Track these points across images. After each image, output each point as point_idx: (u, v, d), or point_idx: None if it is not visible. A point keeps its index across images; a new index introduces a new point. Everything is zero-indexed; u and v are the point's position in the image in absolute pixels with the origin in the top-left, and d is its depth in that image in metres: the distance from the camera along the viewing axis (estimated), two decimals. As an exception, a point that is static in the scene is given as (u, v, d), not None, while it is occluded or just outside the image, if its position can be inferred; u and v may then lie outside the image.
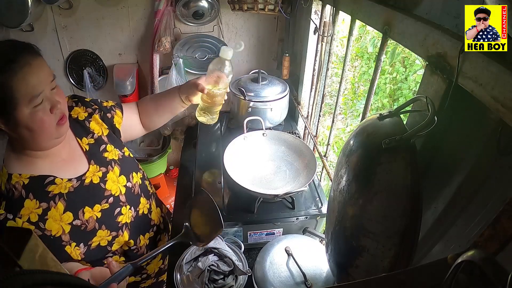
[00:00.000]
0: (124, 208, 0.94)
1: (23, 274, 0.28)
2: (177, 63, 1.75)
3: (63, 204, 0.81)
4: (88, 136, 0.94)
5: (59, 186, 0.82)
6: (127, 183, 0.97)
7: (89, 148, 0.93)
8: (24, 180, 0.77)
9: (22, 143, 0.78)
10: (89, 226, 0.85)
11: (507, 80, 0.41)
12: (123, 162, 0.99)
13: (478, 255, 0.30)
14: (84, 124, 0.95)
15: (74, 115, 0.95)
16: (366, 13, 0.84)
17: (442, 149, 0.64)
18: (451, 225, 0.61)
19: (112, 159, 0.96)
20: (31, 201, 0.77)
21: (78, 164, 0.89)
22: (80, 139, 0.92)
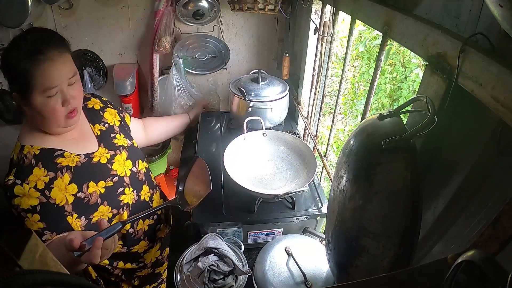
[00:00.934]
0: (127, 189, 1.00)
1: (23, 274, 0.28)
2: (177, 63, 1.75)
3: (69, 175, 0.87)
4: (101, 124, 1.04)
5: (68, 159, 0.88)
6: (132, 167, 1.04)
7: (100, 133, 1.02)
8: (35, 151, 0.84)
9: (35, 122, 0.87)
10: (92, 200, 0.90)
11: (507, 80, 0.41)
12: (131, 150, 1.07)
13: (478, 255, 0.30)
14: (99, 113, 1.06)
15: (90, 105, 1.06)
16: (366, 13, 0.84)
17: (442, 149, 0.64)
18: (451, 225, 0.61)
19: (121, 145, 1.05)
20: (39, 169, 0.82)
21: (89, 144, 0.97)
22: (93, 125, 1.02)
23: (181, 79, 1.78)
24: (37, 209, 0.81)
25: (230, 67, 1.93)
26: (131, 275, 1.13)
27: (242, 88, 1.43)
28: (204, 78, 1.96)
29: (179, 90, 1.79)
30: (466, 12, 0.53)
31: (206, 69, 1.90)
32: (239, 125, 1.52)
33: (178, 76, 1.77)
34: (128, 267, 1.10)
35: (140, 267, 1.14)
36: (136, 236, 1.04)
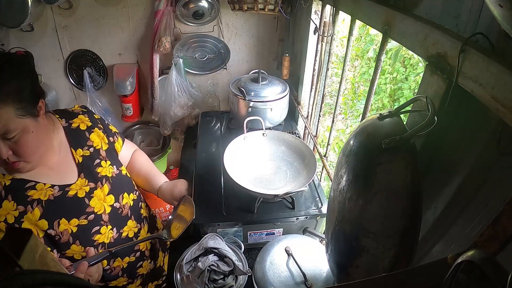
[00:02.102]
0: (104, 228, 0.90)
1: (23, 274, 0.28)
2: (177, 63, 1.75)
3: (40, 210, 0.80)
4: (84, 148, 0.92)
5: (39, 192, 0.81)
6: (114, 203, 0.94)
7: (82, 160, 0.91)
8: (6, 181, 0.78)
9: None
10: (63, 238, 0.83)
11: (507, 80, 0.41)
12: (116, 181, 0.96)
13: (478, 255, 0.30)
14: (84, 134, 0.94)
15: (75, 124, 0.94)
16: (366, 13, 0.84)
17: (442, 149, 0.64)
18: (451, 225, 0.61)
19: (104, 175, 0.93)
20: (9, 202, 0.76)
21: (67, 175, 0.87)
22: (74, 150, 0.90)
23: (181, 79, 1.78)
24: None
25: (230, 67, 1.93)
26: None
27: (242, 88, 1.43)
28: (204, 78, 1.96)
29: (179, 90, 1.79)
30: (466, 12, 0.53)
31: (206, 69, 1.90)
32: (239, 125, 1.52)
33: (178, 76, 1.77)
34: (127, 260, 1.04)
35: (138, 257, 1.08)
36: (113, 273, 0.96)
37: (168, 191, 1.05)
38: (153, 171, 1.11)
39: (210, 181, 1.24)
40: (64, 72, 1.84)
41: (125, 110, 1.90)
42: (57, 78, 1.85)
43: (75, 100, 1.94)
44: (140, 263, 1.04)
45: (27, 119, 0.74)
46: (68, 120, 0.94)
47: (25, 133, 0.74)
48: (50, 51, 1.75)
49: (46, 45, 1.72)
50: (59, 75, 1.84)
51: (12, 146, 0.73)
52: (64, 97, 1.92)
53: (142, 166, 1.11)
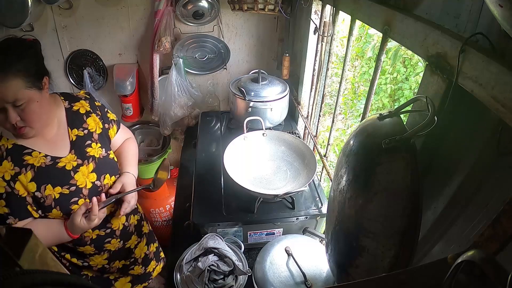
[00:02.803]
0: (81, 200, 1.01)
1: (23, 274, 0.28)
2: (177, 63, 1.75)
3: (32, 174, 0.93)
4: (80, 129, 1.05)
5: (34, 159, 0.94)
6: (96, 181, 1.05)
7: (75, 138, 1.04)
8: (8, 145, 0.92)
9: None
10: (47, 202, 0.96)
11: (507, 80, 0.41)
12: (101, 162, 1.08)
13: (478, 255, 0.30)
14: (82, 117, 1.07)
15: (76, 107, 1.07)
16: (366, 13, 0.84)
17: (442, 149, 0.64)
18: (451, 225, 0.61)
19: (92, 155, 1.05)
20: (8, 162, 0.90)
21: (60, 148, 1.00)
22: (71, 129, 1.04)
23: (181, 79, 1.78)
24: (3, 196, 0.90)
25: (230, 67, 1.93)
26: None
27: (242, 88, 1.43)
28: (204, 78, 1.96)
29: (179, 90, 1.79)
30: (466, 12, 0.53)
31: (206, 69, 1.90)
32: (239, 125, 1.52)
33: (178, 76, 1.77)
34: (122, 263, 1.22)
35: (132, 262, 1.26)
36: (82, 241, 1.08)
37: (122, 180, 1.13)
38: (128, 158, 1.21)
39: (210, 181, 1.24)
40: (64, 72, 1.84)
41: (125, 110, 1.90)
42: (57, 78, 1.85)
43: (75, 100, 1.94)
44: (108, 239, 1.14)
45: (33, 90, 0.87)
46: (71, 103, 1.07)
47: (31, 102, 0.87)
48: (50, 51, 1.75)
49: (46, 45, 1.72)
50: (59, 75, 1.84)
51: (20, 113, 0.87)
52: (64, 97, 1.92)
53: (123, 151, 1.23)
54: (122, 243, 1.20)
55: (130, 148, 1.25)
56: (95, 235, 1.10)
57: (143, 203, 2.11)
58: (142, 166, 1.96)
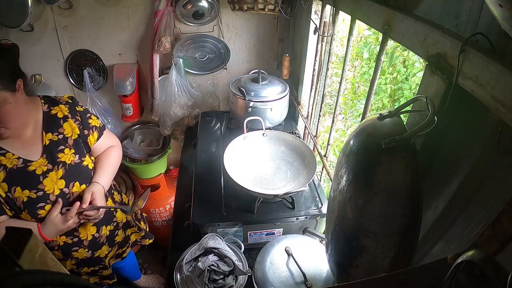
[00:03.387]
0: (48, 206, 1.03)
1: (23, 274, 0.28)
2: (177, 63, 1.75)
3: (3, 174, 0.96)
4: (54, 133, 1.07)
5: (7, 160, 0.97)
6: (64, 188, 1.06)
7: (48, 143, 1.05)
8: None
9: None
10: (17, 203, 0.98)
11: (507, 80, 0.41)
12: (72, 169, 1.08)
13: (478, 255, 0.30)
14: (59, 122, 1.08)
15: (54, 111, 1.09)
16: (366, 13, 0.84)
17: (442, 149, 0.64)
18: (451, 225, 0.61)
19: (63, 161, 1.06)
20: None
21: (32, 152, 1.02)
22: (45, 133, 1.05)
23: (181, 79, 1.78)
24: None
25: (230, 67, 1.93)
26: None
27: (242, 88, 1.43)
28: (204, 78, 1.96)
29: (179, 90, 1.79)
30: (466, 12, 0.53)
31: (206, 69, 1.90)
32: (239, 125, 1.52)
33: (178, 76, 1.77)
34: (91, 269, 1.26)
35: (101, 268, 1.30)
36: (50, 245, 1.09)
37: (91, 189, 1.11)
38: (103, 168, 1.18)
39: (210, 181, 1.24)
40: (64, 72, 1.84)
41: (125, 110, 1.90)
42: (57, 78, 1.85)
43: (75, 100, 1.94)
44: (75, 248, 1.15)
45: (6, 92, 0.91)
46: (50, 106, 1.08)
47: (4, 104, 0.91)
48: (50, 51, 1.75)
49: (46, 45, 1.72)
50: (59, 75, 1.84)
51: None
52: (64, 97, 1.92)
53: (99, 160, 1.21)
54: (90, 253, 1.20)
55: (109, 157, 1.21)
56: (62, 242, 1.10)
57: (143, 203, 2.11)
58: (142, 166, 1.96)
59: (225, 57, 1.84)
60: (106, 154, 1.22)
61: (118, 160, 1.26)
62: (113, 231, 1.28)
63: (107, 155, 1.22)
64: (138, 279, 1.94)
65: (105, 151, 1.23)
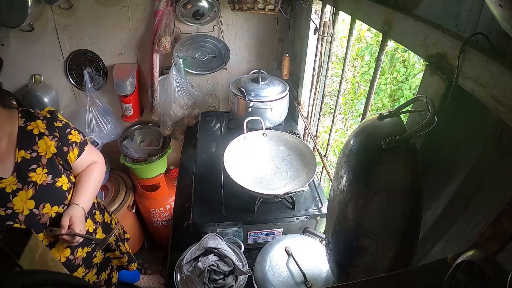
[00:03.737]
0: (16, 225, 0.96)
1: (23, 274, 0.28)
2: (177, 63, 1.75)
3: None
4: (28, 151, 1.00)
5: None
6: (33, 208, 0.99)
7: (20, 160, 0.98)
8: None
9: None
10: None
11: (507, 80, 0.41)
12: (43, 189, 1.01)
13: (478, 255, 0.30)
14: (34, 138, 1.02)
15: (30, 127, 1.02)
16: (366, 13, 0.84)
17: (442, 149, 0.64)
18: (451, 225, 0.61)
19: (34, 181, 0.99)
20: None
21: (2, 168, 0.96)
22: (18, 150, 0.99)
23: (181, 79, 1.78)
24: None
25: (230, 67, 1.93)
26: None
27: (242, 88, 1.43)
28: (204, 78, 1.96)
29: (179, 90, 1.79)
30: (466, 12, 0.53)
31: (206, 69, 1.90)
32: (239, 125, 1.52)
33: (178, 76, 1.77)
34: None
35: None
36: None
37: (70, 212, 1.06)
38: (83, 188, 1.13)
39: (210, 181, 1.24)
40: (64, 72, 1.84)
41: (125, 110, 1.90)
42: (57, 78, 1.85)
43: (75, 100, 1.94)
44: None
45: None
46: (26, 121, 1.02)
47: None
48: (50, 51, 1.75)
49: (46, 45, 1.72)
50: (59, 75, 1.84)
51: None
52: (64, 97, 1.92)
53: (80, 179, 1.15)
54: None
55: (90, 177, 1.16)
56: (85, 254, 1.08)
57: (143, 203, 2.11)
58: (142, 166, 1.96)
59: (225, 57, 1.84)
60: (87, 173, 1.17)
61: (100, 179, 1.21)
62: (91, 253, 1.20)
63: (88, 174, 1.16)
64: (138, 281, 1.94)
65: (87, 168, 1.18)
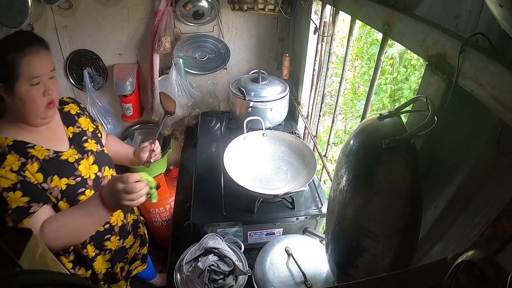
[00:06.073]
0: (88, 191, 1.04)
1: (23, 274, 0.28)
2: (177, 63, 1.75)
3: (38, 165, 0.93)
4: (74, 127, 1.10)
5: (37, 151, 0.95)
6: (97, 172, 1.09)
7: (72, 135, 1.08)
8: (9, 142, 0.91)
9: (15, 113, 0.94)
10: (53, 193, 0.96)
11: (507, 80, 0.41)
12: (99, 155, 1.13)
13: (478, 255, 0.30)
14: (74, 117, 1.13)
15: (66, 109, 1.13)
16: (366, 13, 0.84)
17: (442, 149, 0.64)
18: (451, 225, 0.61)
19: (90, 149, 1.10)
20: (12, 155, 0.89)
21: (60, 144, 1.03)
22: (66, 127, 1.08)
23: (181, 79, 1.78)
24: (18, 186, 0.87)
25: (230, 67, 1.93)
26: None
27: (242, 88, 1.43)
28: (204, 78, 1.96)
29: (179, 90, 1.79)
30: (466, 12, 0.53)
31: (206, 69, 1.90)
32: (239, 125, 1.52)
33: (178, 76, 1.77)
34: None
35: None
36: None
37: (137, 155, 1.27)
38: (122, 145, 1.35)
39: (210, 181, 1.24)
40: (64, 72, 1.84)
41: (125, 110, 1.90)
42: (57, 78, 1.82)
43: (75, 100, 1.94)
44: (108, 236, 1.14)
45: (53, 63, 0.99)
46: (60, 105, 1.12)
47: (55, 74, 0.98)
48: (50, 51, 1.75)
49: (46, 45, 1.72)
50: (59, 75, 1.84)
51: (51, 84, 0.95)
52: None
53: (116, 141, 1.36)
54: (121, 242, 1.20)
55: (115, 139, 1.37)
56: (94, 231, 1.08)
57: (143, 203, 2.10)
58: (142, 166, 1.95)
59: (225, 57, 1.84)
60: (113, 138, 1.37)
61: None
62: (136, 222, 1.31)
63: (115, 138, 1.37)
64: (154, 279, 1.94)
65: (109, 137, 1.34)
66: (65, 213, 0.95)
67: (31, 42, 0.92)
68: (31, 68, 0.89)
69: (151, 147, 1.24)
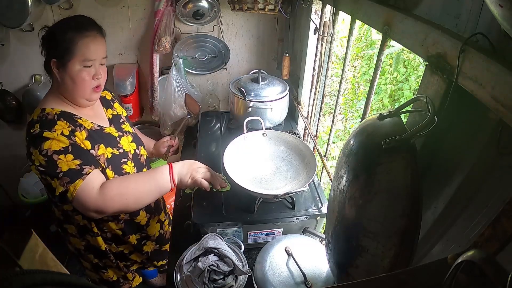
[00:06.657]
0: (129, 162, 1.11)
1: (23, 274, 0.28)
2: (177, 63, 1.75)
3: (86, 133, 1.00)
4: (113, 109, 1.20)
5: (84, 122, 1.02)
6: (136, 149, 1.18)
7: (112, 117, 1.17)
8: (56, 111, 0.97)
9: (63, 90, 1.00)
10: (101, 161, 1.01)
11: (507, 80, 0.41)
12: (135, 136, 1.22)
13: (478, 255, 0.30)
14: (110, 102, 1.22)
15: (103, 94, 1.22)
16: (366, 13, 0.84)
17: (442, 149, 0.64)
18: (451, 225, 0.61)
19: (127, 130, 1.19)
20: (62, 121, 0.95)
21: (101, 122, 1.11)
22: (106, 109, 1.17)
23: (181, 79, 1.78)
24: (69, 149, 0.91)
25: (230, 67, 1.93)
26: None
27: (242, 88, 1.43)
28: (204, 78, 1.96)
29: (179, 90, 1.79)
30: (466, 12, 0.53)
31: (206, 69, 1.90)
32: (239, 125, 1.52)
33: (178, 76, 1.77)
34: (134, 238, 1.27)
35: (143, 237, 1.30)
36: None
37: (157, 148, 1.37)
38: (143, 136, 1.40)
39: (210, 181, 1.24)
40: (64, 72, 1.84)
41: (125, 110, 1.90)
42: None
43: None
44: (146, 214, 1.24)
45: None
46: None
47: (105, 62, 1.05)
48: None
49: (46, 45, 1.71)
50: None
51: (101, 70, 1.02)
52: (64, 97, 1.92)
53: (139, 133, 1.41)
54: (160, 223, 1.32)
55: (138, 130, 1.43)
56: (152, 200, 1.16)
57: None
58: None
59: (225, 57, 1.84)
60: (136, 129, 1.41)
61: None
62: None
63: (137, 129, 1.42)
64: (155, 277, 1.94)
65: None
66: (129, 176, 1.03)
67: (91, 26, 0.98)
68: (87, 51, 0.95)
69: (170, 142, 1.34)
